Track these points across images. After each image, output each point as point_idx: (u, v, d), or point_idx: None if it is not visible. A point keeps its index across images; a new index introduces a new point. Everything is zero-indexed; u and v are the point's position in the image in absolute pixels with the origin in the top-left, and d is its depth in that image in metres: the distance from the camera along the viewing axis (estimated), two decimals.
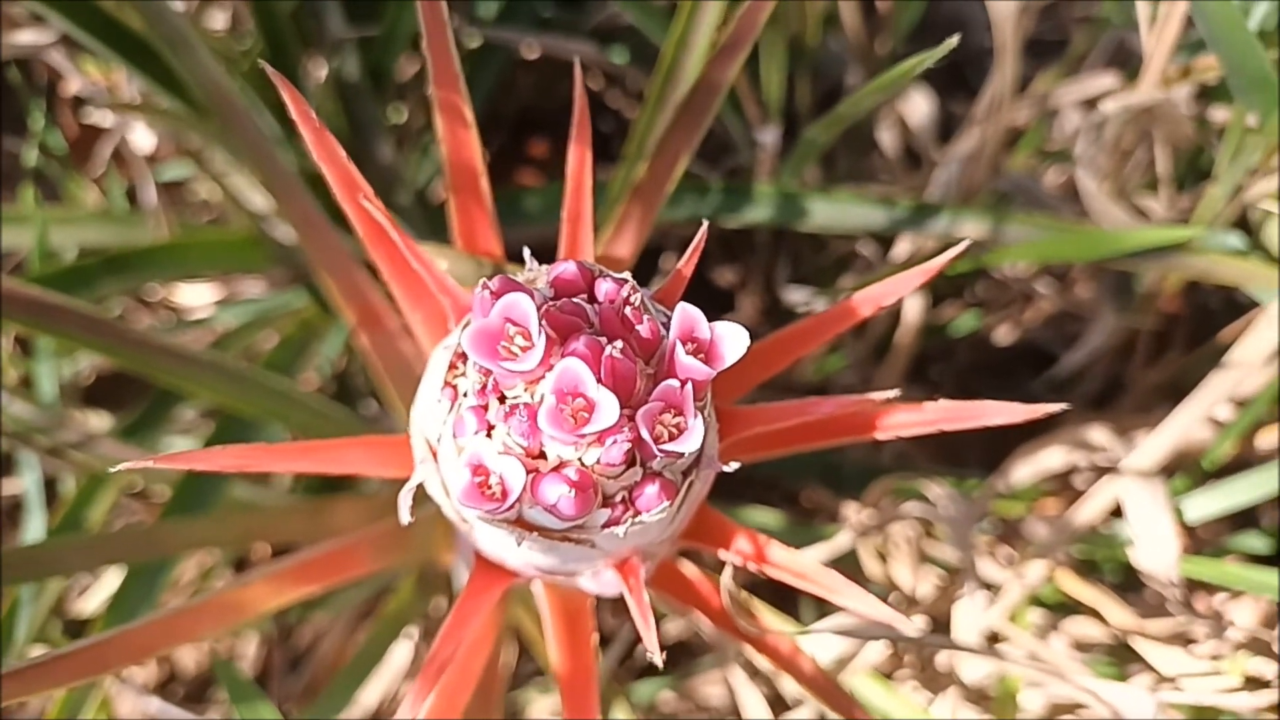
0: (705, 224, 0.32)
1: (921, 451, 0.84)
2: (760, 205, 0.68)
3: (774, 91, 0.75)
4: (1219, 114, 0.68)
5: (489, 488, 0.29)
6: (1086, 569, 0.63)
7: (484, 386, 0.29)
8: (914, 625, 0.59)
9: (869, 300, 0.37)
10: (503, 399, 0.29)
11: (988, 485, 0.67)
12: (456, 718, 0.41)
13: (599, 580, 0.36)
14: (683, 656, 0.81)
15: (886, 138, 0.76)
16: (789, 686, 0.60)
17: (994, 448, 0.74)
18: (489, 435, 0.29)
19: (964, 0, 0.92)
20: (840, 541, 0.63)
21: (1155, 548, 0.57)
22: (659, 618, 0.84)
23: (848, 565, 0.64)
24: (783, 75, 0.74)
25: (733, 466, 0.32)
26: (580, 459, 0.28)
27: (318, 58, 0.74)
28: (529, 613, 0.75)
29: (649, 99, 0.55)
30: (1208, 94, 0.69)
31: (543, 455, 0.29)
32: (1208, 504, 0.59)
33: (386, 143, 0.77)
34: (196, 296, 0.96)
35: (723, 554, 0.39)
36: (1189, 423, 0.58)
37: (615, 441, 0.28)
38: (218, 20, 0.81)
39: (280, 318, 0.88)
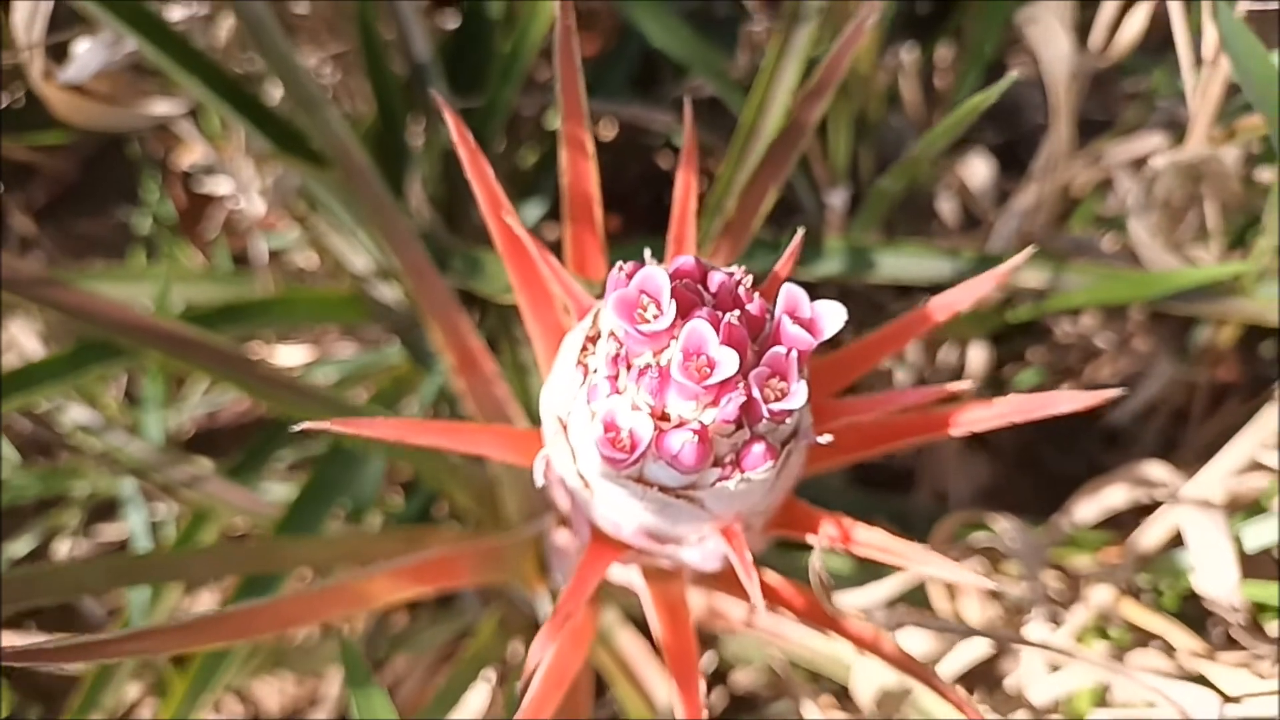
0: (800, 230, 0.37)
1: (986, 505, 0.87)
2: (831, 258, 0.73)
3: (841, 158, 0.80)
4: (1265, 174, 0.72)
5: (619, 441, 0.33)
6: (1148, 601, 0.65)
7: (615, 356, 0.34)
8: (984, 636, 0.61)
9: (945, 306, 0.41)
10: (629, 367, 0.34)
11: (1052, 524, 0.70)
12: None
13: (702, 550, 0.40)
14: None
15: (946, 207, 0.81)
16: None
17: (1056, 503, 0.77)
18: (620, 394, 0.34)
19: (1018, 83, 0.98)
20: (909, 575, 0.65)
21: (1216, 572, 0.59)
22: (729, 668, 0.87)
23: (917, 601, 0.67)
24: (849, 143, 0.80)
25: (826, 438, 0.37)
26: (699, 418, 0.33)
27: (422, 126, 0.82)
28: (609, 653, 0.79)
29: (733, 149, 0.61)
30: (1254, 158, 0.73)
31: (665, 417, 0.34)
32: (1266, 532, 0.61)
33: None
34: (293, 357, 1.02)
35: (809, 538, 0.43)
36: (1248, 451, 0.60)
37: (730, 400, 0.32)
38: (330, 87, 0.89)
39: (373, 374, 0.94)
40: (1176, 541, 0.64)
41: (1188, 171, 0.69)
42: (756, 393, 0.32)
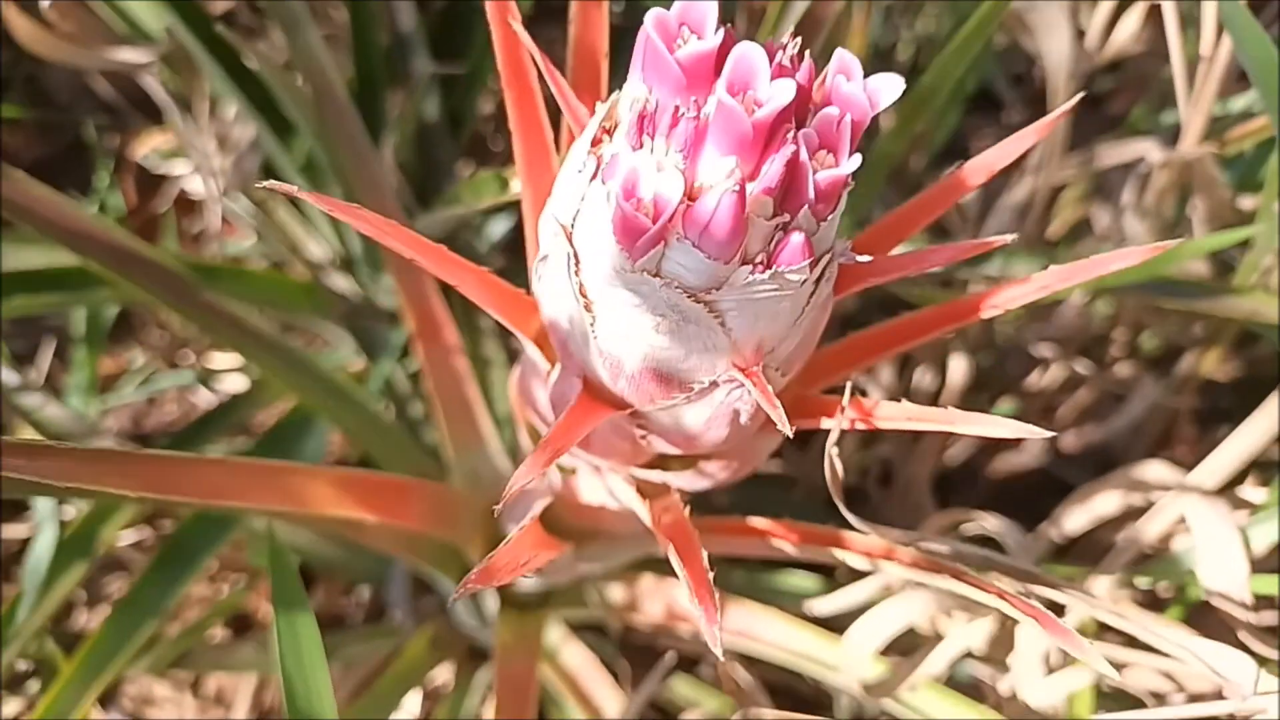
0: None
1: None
2: None
3: None
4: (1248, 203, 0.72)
5: (641, 211, 0.29)
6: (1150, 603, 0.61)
7: (641, 117, 0.30)
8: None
9: (980, 169, 0.38)
10: (655, 130, 0.30)
11: (1039, 533, 0.66)
12: None
13: (703, 425, 0.36)
14: None
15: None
16: None
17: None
18: (646, 152, 0.30)
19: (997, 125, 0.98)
20: (883, 580, 0.60)
21: (1223, 564, 0.55)
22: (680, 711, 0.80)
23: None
24: None
25: (865, 258, 0.33)
26: (732, 188, 0.29)
27: (401, 94, 0.79)
28: (557, 670, 0.72)
29: None
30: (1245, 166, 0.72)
31: (694, 195, 0.30)
32: (1270, 532, 0.58)
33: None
34: (226, 362, 0.97)
35: (825, 422, 0.39)
36: (1252, 441, 0.58)
37: (774, 161, 0.29)
38: None
39: None
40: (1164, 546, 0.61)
41: (1179, 176, 0.68)
42: (805, 155, 0.29)
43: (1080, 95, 0.37)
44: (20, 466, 0.34)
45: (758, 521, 0.48)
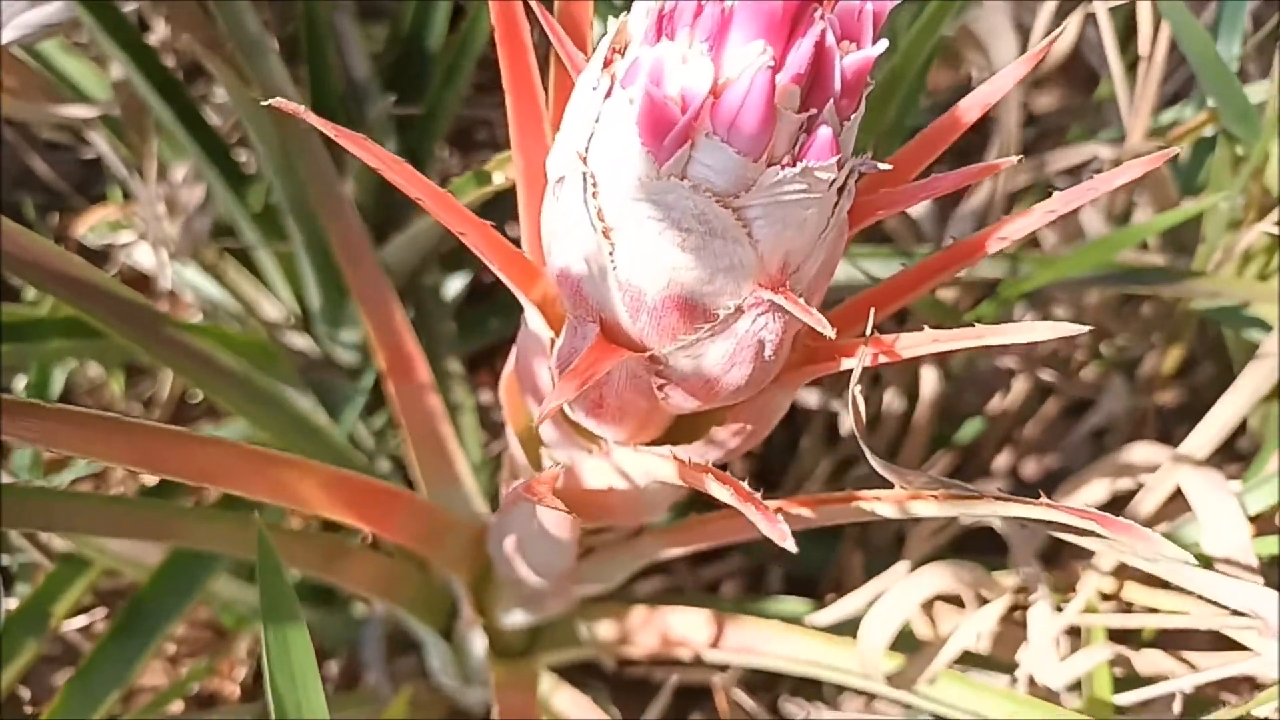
0: None
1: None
2: None
3: None
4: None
5: (666, 111, 0.29)
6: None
7: (660, 18, 0.30)
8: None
9: (975, 106, 0.39)
10: (675, 30, 0.30)
11: (1032, 530, 0.66)
12: None
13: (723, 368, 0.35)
14: None
15: (891, 221, 0.81)
16: None
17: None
18: (669, 42, 0.29)
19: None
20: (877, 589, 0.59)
21: (1224, 530, 0.55)
22: None
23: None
24: None
25: (886, 166, 0.33)
26: (767, 63, 0.28)
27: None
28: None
29: None
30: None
31: (717, 94, 0.29)
32: (1266, 496, 0.58)
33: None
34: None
35: (845, 363, 0.38)
36: (1234, 410, 0.58)
37: (803, 43, 0.28)
38: None
39: None
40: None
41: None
42: (831, 39, 0.29)
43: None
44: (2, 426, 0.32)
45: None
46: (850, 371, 0.36)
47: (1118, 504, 0.64)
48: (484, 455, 0.80)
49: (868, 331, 0.37)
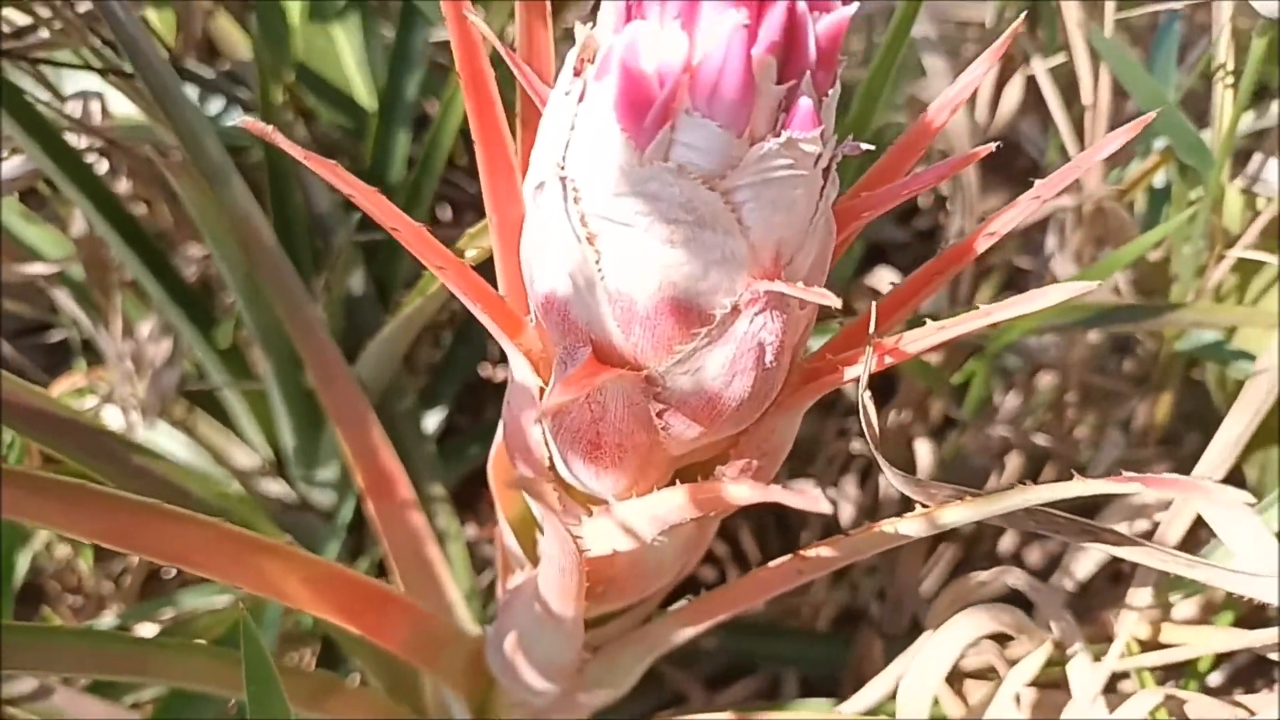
0: None
1: None
2: None
3: None
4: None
5: (644, 87, 0.28)
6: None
7: (628, 6, 0.29)
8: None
9: (943, 108, 0.39)
10: (644, 15, 0.29)
11: (1054, 584, 0.63)
12: None
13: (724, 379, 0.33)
14: None
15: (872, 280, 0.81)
16: None
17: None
18: (642, 19, 0.29)
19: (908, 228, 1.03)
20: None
21: (1254, 552, 0.53)
22: None
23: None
24: None
25: (868, 146, 0.32)
26: (741, 23, 0.28)
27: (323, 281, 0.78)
28: None
29: None
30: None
31: (691, 67, 0.29)
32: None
33: None
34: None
35: (848, 372, 0.37)
36: (1241, 429, 0.57)
37: (774, 11, 0.28)
38: None
39: None
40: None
41: (1092, 226, 0.71)
42: (802, 4, 0.28)
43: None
44: None
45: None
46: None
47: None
48: (474, 584, 0.76)
49: (870, 336, 0.36)
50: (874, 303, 0.36)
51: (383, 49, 0.83)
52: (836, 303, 0.29)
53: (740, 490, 0.32)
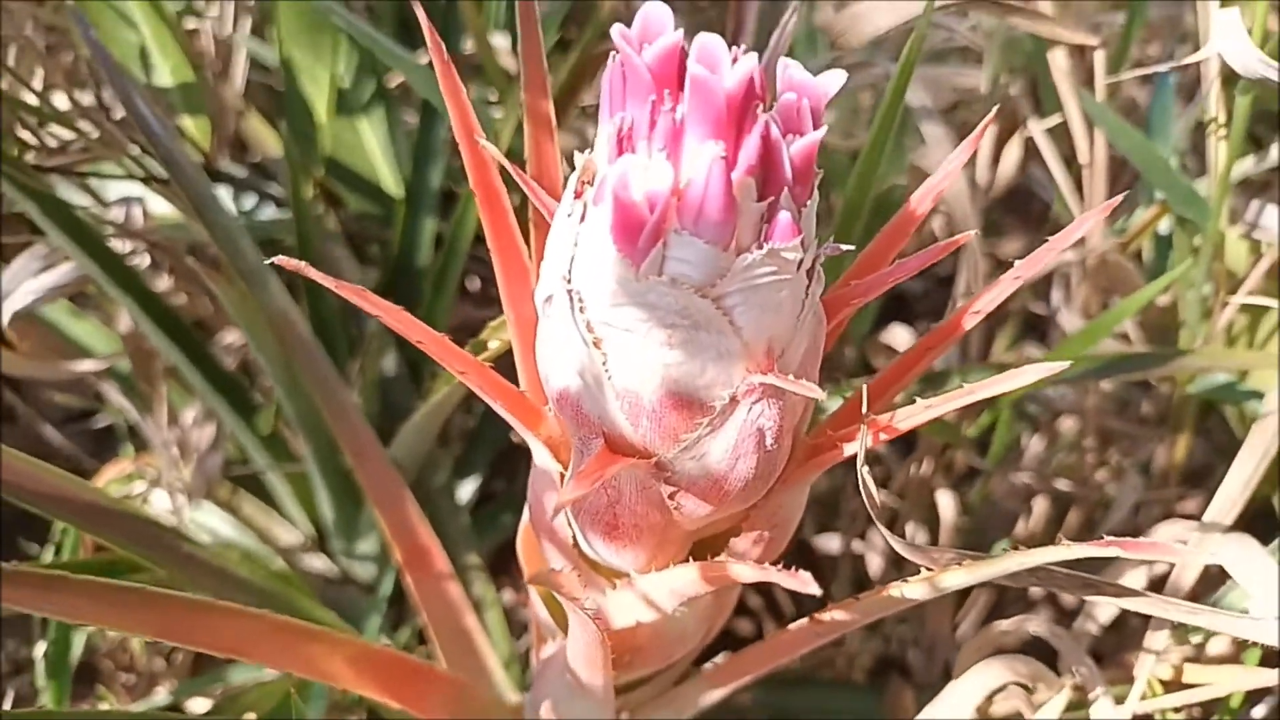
0: None
1: None
2: None
3: None
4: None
5: (635, 213, 0.31)
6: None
7: (619, 134, 0.32)
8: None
9: (928, 193, 0.42)
10: (634, 148, 0.32)
11: (1076, 630, 0.64)
12: None
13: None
14: None
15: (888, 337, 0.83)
16: None
17: None
18: (631, 154, 0.32)
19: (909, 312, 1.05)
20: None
21: (1265, 589, 0.54)
22: None
23: None
24: None
25: (847, 247, 0.35)
26: (719, 155, 0.31)
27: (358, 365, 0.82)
28: None
29: None
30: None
31: (680, 194, 0.32)
32: None
33: None
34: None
35: (847, 449, 0.39)
36: (1250, 471, 0.58)
37: (751, 137, 0.31)
38: None
39: None
40: None
41: (1097, 278, 0.73)
42: (776, 132, 0.31)
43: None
44: (21, 599, 0.32)
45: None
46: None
47: (1154, 587, 0.62)
48: (513, 650, 0.78)
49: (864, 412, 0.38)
50: (864, 386, 0.38)
51: (407, 139, 0.87)
52: (822, 396, 0.32)
53: (743, 571, 0.35)
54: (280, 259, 0.35)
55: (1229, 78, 0.62)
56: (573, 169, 0.36)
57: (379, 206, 0.87)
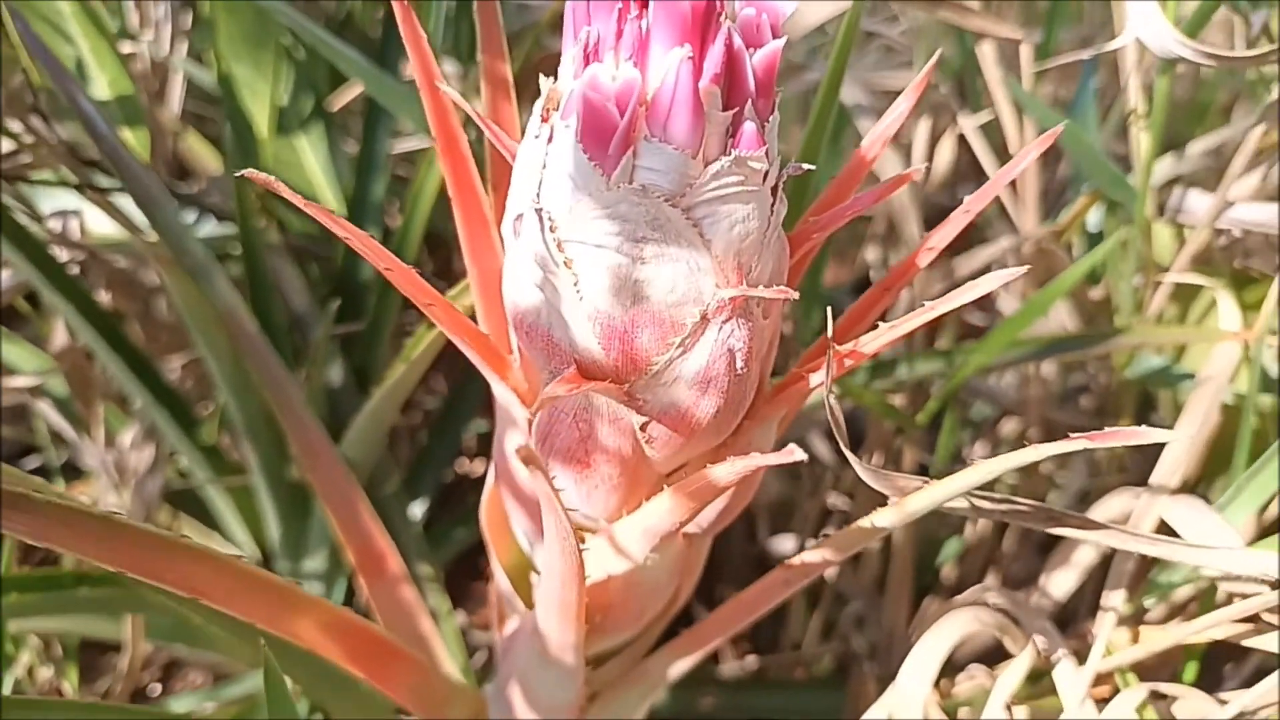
0: None
1: None
2: None
3: None
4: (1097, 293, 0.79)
5: (605, 116, 0.32)
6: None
7: (585, 53, 0.33)
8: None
9: (877, 141, 0.43)
10: (601, 58, 0.33)
11: (1035, 605, 0.65)
12: None
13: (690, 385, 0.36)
14: None
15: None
16: None
17: None
18: (599, 62, 0.32)
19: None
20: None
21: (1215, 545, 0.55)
22: None
23: None
24: None
25: (809, 166, 0.36)
26: (686, 56, 0.32)
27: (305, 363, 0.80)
28: None
29: None
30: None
31: (647, 101, 0.33)
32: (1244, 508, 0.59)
33: None
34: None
35: (813, 379, 0.40)
36: (1195, 432, 0.60)
37: (715, 47, 0.32)
38: None
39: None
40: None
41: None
42: (739, 41, 0.32)
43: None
44: None
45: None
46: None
47: (1108, 562, 0.64)
48: (468, 663, 0.77)
49: (829, 338, 0.39)
50: (829, 308, 0.39)
51: (346, 159, 0.87)
52: (794, 295, 0.32)
53: (722, 470, 0.35)
54: (249, 171, 0.34)
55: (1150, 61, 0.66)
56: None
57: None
